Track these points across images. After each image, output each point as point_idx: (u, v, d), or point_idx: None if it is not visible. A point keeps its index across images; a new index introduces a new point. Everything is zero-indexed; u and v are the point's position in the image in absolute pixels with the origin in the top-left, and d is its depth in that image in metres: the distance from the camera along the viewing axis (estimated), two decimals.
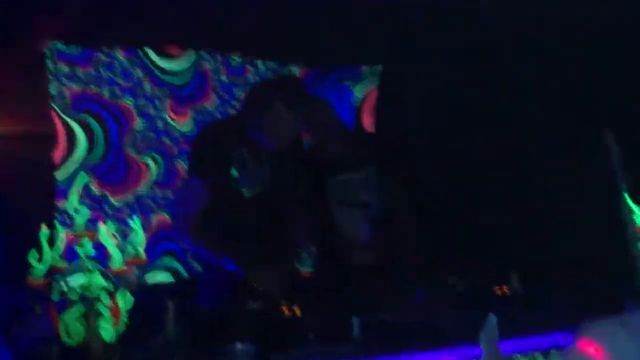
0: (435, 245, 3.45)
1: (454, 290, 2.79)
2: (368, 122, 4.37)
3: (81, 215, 2.44)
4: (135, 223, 2.44)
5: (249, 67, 4.17)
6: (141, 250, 2.42)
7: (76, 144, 3.71)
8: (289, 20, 3.78)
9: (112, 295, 2.34)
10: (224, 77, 4.13)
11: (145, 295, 3.65)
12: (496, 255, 3.46)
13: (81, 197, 3.65)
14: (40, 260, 2.30)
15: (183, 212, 2.86)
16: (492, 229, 3.65)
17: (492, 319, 2.12)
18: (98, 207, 3.76)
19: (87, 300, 2.32)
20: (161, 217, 3.96)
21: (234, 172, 2.84)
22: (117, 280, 2.39)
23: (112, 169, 3.83)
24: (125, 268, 2.37)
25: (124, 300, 2.35)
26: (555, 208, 3.52)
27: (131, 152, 3.89)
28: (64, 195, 3.33)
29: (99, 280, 2.35)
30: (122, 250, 2.44)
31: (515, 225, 3.62)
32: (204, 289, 3.06)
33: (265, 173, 2.90)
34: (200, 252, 2.96)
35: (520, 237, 3.57)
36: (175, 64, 3.99)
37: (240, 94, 4.12)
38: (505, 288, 2.72)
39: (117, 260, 2.36)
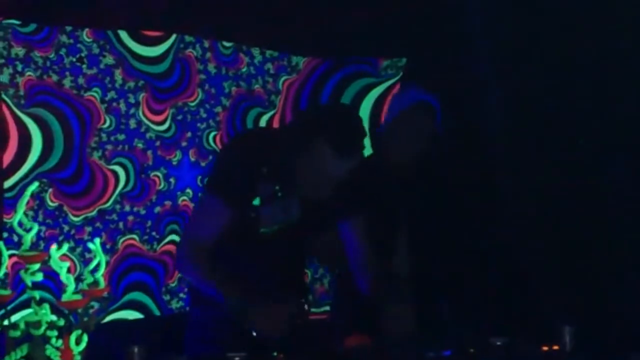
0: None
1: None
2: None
3: (30, 234, 2.36)
4: (94, 245, 2.37)
5: (242, 55, 4.11)
6: (101, 279, 2.34)
7: (30, 145, 3.65)
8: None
9: (63, 334, 2.27)
10: (211, 68, 4.07)
11: (106, 336, 3.62)
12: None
13: (33, 211, 3.65)
14: None
15: (195, 237, 2.84)
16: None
17: None
18: (53, 224, 3.69)
19: (33, 339, 2.26)
20: (130, 240, 3.91)
21: (257, 202, 2.80)
22: (70, 316, 2.32)
23: (73, 177, 3.77)
24: (81, 300, 2.30)
25: (78, 341, 2.28)
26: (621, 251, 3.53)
27: (97, 157, 3.83)
28: (13, 208, 3.28)
29: (48, 314, 2.28)
30: (78, 279, 2.37)
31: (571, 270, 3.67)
32: (187, 332, 3.02)
33: (289, 214, 2.89)
34: (201, 289, 2.93)
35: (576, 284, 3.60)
36: (153, 50, 3.91)
37: (232, 88, 4.08)
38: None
39: (71, 290, 2.28)
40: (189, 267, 2.86)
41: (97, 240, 2.41)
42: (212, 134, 4.07)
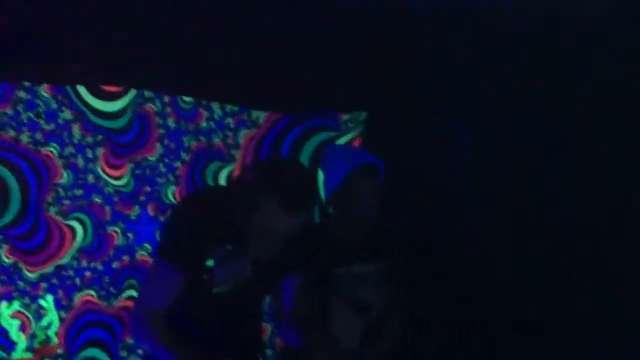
0: None
1: None
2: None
3: None
4: (47, 302, 2.35)
5: (202, 111, 4.12)
6: (53, 336, 2.32)
7: None
8: (254, 54, 3.82)
9: None
10: (171, 122, 4.08)
11: None
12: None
13: None
14: None
15: (148, 306, 2.81)
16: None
17: None
18: (8, 281, 3.64)
19: None
20: (87, 297, 3.87)
21: (210, 264, 2.79)
22: None
23: (29, 233, 3.73)
24: (32, 359, 2.27)
25: None
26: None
27: (53, 213, 3.80)
28: None
29: None
30: (30, 336, 2.34)
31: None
32: None
33: (242, 272, 2.88)
34: (150, 349, 2.89)
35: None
36: (112, 105, 3.89)
37: (191, 143, 4.08)
38: None
39: (21, 348, 2.25)
40: (145, 336, 2.81)
41: (50, 298, 2.39)
42: (172, 188, 4.06)
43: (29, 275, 3.69)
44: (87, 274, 3.86)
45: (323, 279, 3.15)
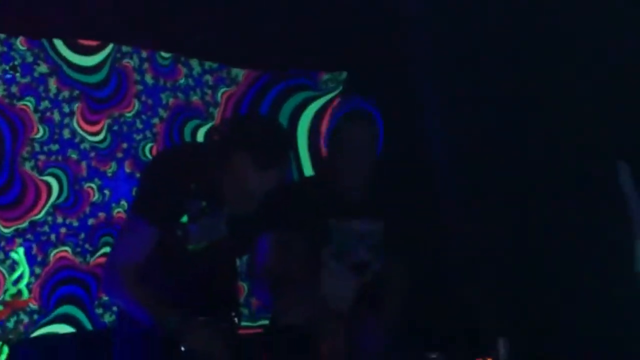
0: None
1: None
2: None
3: None
4: (18, 255, 2.32)
5: (181, 67, 4.07)
6: (24, 289, 2.30)
7: None
8: (235, 10, 3.76)
9: None
10: (149, 79, 4.02)
11: (34, 351, 3.55)
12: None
13: None
14: None
15: (121, 260, 2.79)
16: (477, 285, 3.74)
17: None
18: None
19: None
20: (62, 253, 3.84)
21: (184, 220, 2.77)
22: None
23: (3, 187, 3.68)
24: (1, 312, 2.24)
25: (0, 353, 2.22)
26: (560, 260, 3.56)
27: (29, 168, 3.74)
28: None
29: None
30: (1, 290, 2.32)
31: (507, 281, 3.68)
32: (115, 347, 2.98)
33: (216, 230, 2.85)
34: (129, 310, 2.88)
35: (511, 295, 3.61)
36: (89, 60, 3.84)
37: (169, 99, 4.04)
38: None
39: None
40: (118, 293, 2.80)
41: (21, 250, 2.36)
42: (149, 145, 4.01)
43: (4, 230, 3.65)
44: (63, 230, 3.81)
45: (317, 231, 3.09)
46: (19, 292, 2.28)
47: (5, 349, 2.19)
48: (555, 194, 3.58)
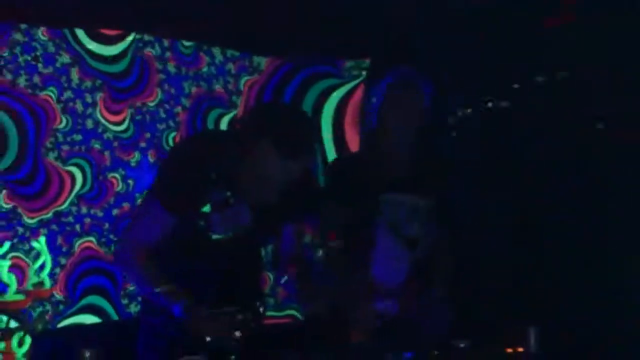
0: None
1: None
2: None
3: None
4: (39, 244, 2.30)
5: (203, 55, 4.05)
6: (47, 278, 2.28)
7: None
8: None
9: (5, 335, 2.19)
10: (171, 68, 4.00)
11: (62, 340, 3.54)
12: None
13: None
14: None
15: (135, 239, 2.76)
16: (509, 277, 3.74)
17: None
18: (7, 226, 3.61)
19: None
20: (87, 243, 3.83)
21: (207, 210, 2.72)
22: (13, 317, 2.24)
23: (27, 178, 3.69)
24: (23, 301, 2.23)
25: (21, 345, 2.20)
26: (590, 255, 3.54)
27: (52, 158, 3.74)
28: None
29: None
30: (23, 279, 2.30)
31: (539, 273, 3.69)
32: (140, 337, 2.96)
33: (241, 220, 2.80)
34: (144, 292, 2.86)
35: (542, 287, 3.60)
36: (110, 49, 3.83)
37: (192, 89, 4.00)
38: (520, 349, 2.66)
39: (12, 290, 2.21)
40: (133, 270, 2.77)
41: (42, 239, 2.34)
42: (172, 134, 3.99)
43: (28, 220, 3.65)
44: (87, 220, 3.80)
45: (368, 206, 3.07)
46: (41, 282, 2.25)
47: (28, 340, 2.15)
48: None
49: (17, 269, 2.26)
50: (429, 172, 3.21)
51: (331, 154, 4.26)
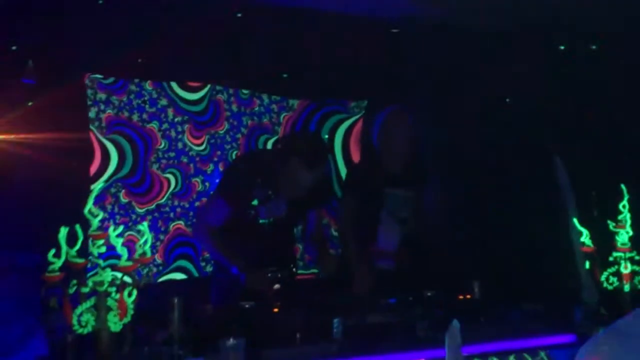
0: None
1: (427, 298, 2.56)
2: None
3: (97, 219, 2.18)
4: (143, 227, 2.20)
5: (256, 99, 3.96)
6: (148, 250, 2.17)
7: (109, 160, 3.50)
8: (289, 61, 3.64)
9: (119, 290, 2.08)
10: (234, 107, 3.92)
11: (155, 291, 3.44)
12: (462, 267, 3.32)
13: (111, 205, 3.48)
14: (59, 257, 2.05)
15: (206, 221, 2.70)
16: (461, 245, 3.57)
17: (456, 324, 1.90)
18: (125, 214, 3.53)
19: (98, 293, 2.07)
20: (178, 225, 3.74)
21: (255, 203, 2.71)
22: (125, 277, 2.14)
23: (138, 182, 3.62)
24: (132, 266, 2.12)
25: (130, 295, 2.09)
26: (515, 228, 3.37)
27: (155, 168, 3.68)
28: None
29: (109, 276, 2.10)
30: (132, 250, 2.19)
31: (481, 242, 3.51)
32: (212, 288, 2.88)
33: (279, 209, 2.77)
34: (213, 257, 2.80)
35: (483, 252, 3.43)
36: (194, 95, 3.77)
37: (248, 121, 3.93)
38: (468, 296, 2.53)
39: (124, 258, 2.11)
40: (205, 240, 2.78)
41: (145, 223, 2.24)
42: (234, 152, 3.90)
43: (139, 210, 3.56)
44: (178, 210, 3.71)
45: (376, 197, 3.04)
46: (144, 253, 2.15)
47: (135, 292, 2.04)
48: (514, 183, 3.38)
49: (130, 243, 2.14)
50: (414, 175, 3.16)
51: (341, 165, 4.14)
